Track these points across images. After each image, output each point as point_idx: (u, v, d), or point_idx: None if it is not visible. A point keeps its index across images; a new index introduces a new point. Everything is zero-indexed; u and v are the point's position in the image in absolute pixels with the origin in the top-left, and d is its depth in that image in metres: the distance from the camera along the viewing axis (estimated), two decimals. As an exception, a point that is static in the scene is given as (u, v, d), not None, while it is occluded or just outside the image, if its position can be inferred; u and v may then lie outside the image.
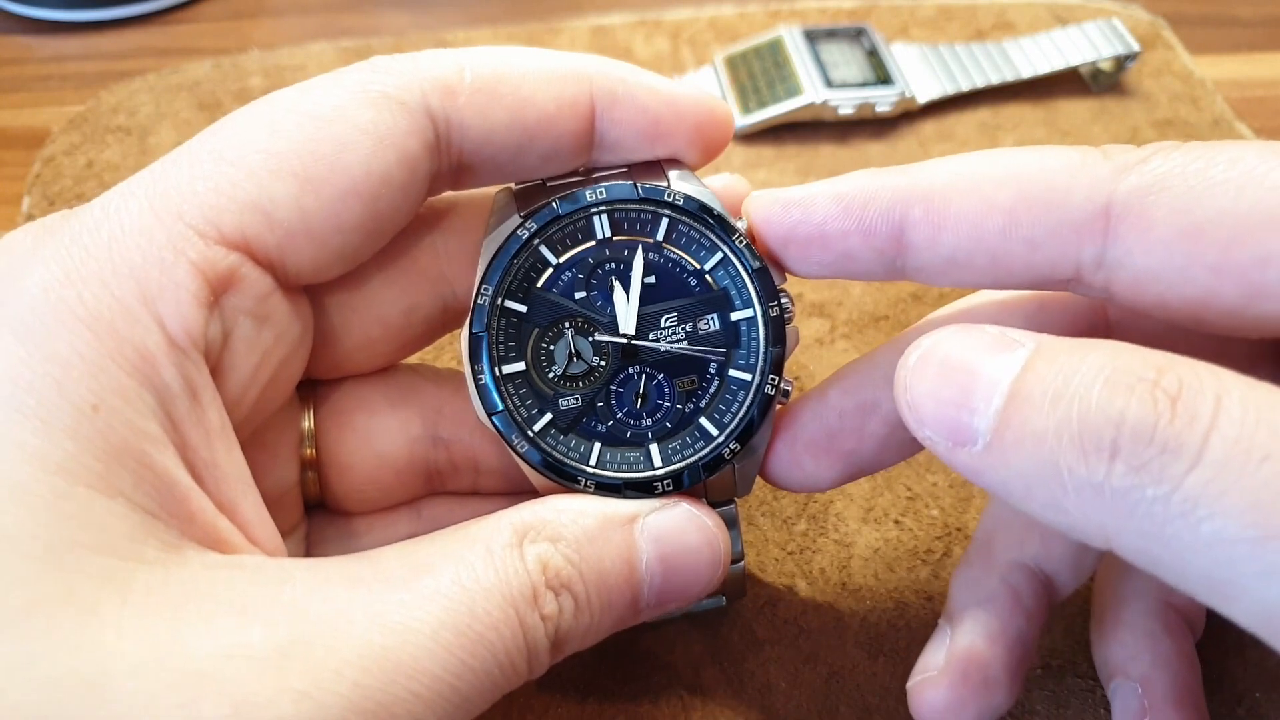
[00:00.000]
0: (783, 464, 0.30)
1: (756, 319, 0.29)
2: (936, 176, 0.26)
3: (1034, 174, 0.25)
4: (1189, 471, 0.19)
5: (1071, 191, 0.24)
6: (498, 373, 0.29)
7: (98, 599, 0.21)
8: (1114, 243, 0.23)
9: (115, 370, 0.23)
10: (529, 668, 0.25)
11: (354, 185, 0.26)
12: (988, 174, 0.25)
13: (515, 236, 0.29)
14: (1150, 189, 0.23)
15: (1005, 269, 0.25)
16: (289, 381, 0.29)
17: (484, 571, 0.24)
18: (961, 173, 0.26)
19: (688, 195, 0.29)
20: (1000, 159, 0.26)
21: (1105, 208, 0.23)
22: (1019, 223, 0.24)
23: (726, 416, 0.30)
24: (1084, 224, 0.24)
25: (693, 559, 0.28)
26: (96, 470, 0.22)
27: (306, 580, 0.23)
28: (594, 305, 0.30)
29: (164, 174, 0.25)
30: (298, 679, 0.21)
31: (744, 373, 0.30)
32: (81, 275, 0.23)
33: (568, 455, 0.29)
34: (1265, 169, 0.22)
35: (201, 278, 0.24)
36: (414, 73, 0.27)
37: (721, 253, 0.29)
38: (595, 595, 0.26)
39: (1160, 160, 0.23)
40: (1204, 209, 0.22)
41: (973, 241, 0.25)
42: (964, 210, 0.25)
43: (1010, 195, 0.25)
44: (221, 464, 0.25)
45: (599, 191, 0.29)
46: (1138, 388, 0.20)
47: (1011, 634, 0.28)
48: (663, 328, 0.30)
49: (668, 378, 0.30)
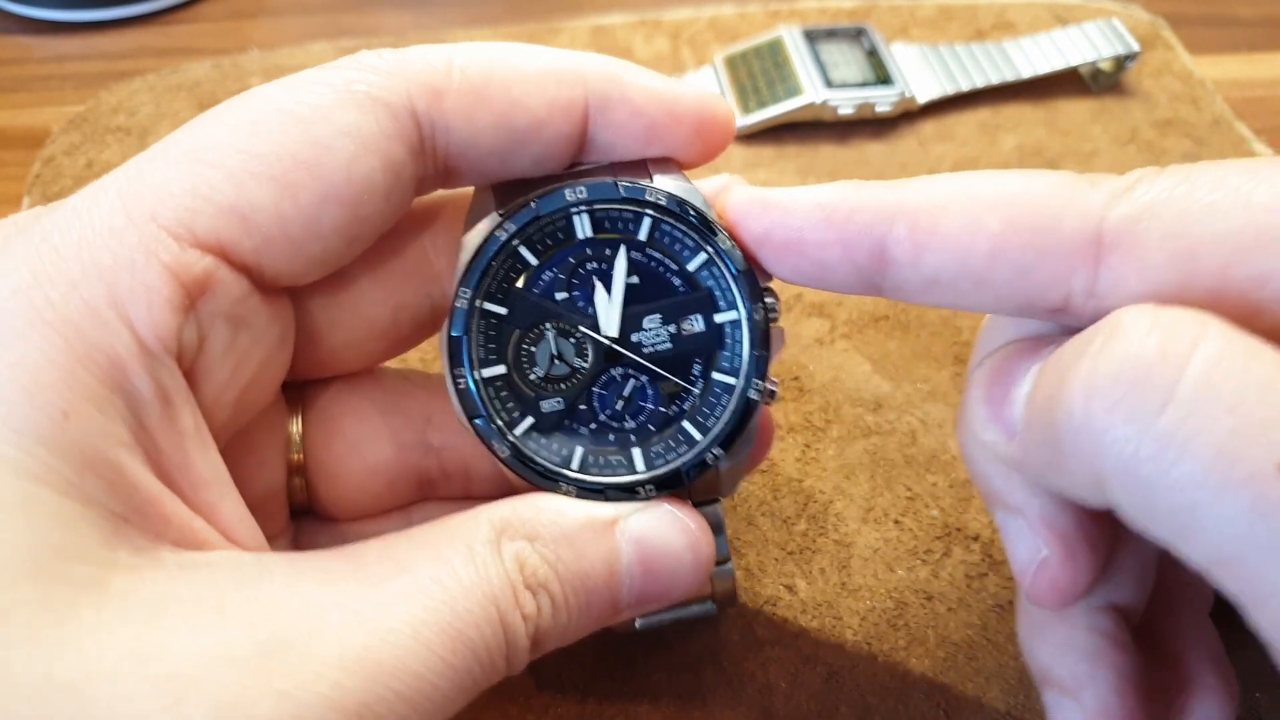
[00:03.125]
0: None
1: (741, 322, 0.29)
2: (923, 195, 0.25)
3: (1024, 199, 0.24)
4: (1160, 412, 0.20)
5: (1062, 218, 0.24)
6: (478, 376, 0.28)
7: (75, 604, 0.21)
8: (1107, 270, 0.23)
9: (85, 376, 0.22)
10: (508, 665, 0.25)
11: (334, 190, 0.25)
12: (976, 195, 0.25)
13: (494, 238, 0.28)
14: (1141, 216, 0.23)
15: (990, 293, 0.25)
16: (270, 383, 0.29)
17: (464, 569, 0.24)
18: (949, 193, 0.25)
19: (671, 194, 0.29)
20: (989, 181, 0.25)
21: (1097, 235, 0.23)
22: (1008, 247, 0.24)
23: (710, 420, 0.29)
24: (1075, 251, 0.24)
25: (674, 561, 0.27)
26: (69, 477, 0.22)
27: (285, 575, 0.23)
28: (576, 306, 0.29)
29: (139, 173, 0.25)
30: (279, 679, 0.21)
31: (728, 376, 0.29)
32: (50, 277, 0.23)
33: (550, 459, 0.29)
34: (1250, 186, 0.22)
35: (175, 281, 0.24)
36: (400, 72, 0.26)
37: (706, 253, 0.29)
38: (573, 595, 0.26)
39: (1146, 187, 0.23)
40: (1196, 232, 0.22)
41: (958, 263, 0.25)
42: (950, 231, 0.25)
43: (999, 219, 0.24)
44: (196, 468, 0.25)
45: (579, 190, 0.28)
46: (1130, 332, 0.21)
47: (1130, 678, 0.27)
48: (646, 328, 0.29)
49: (651, 380, 0.29)
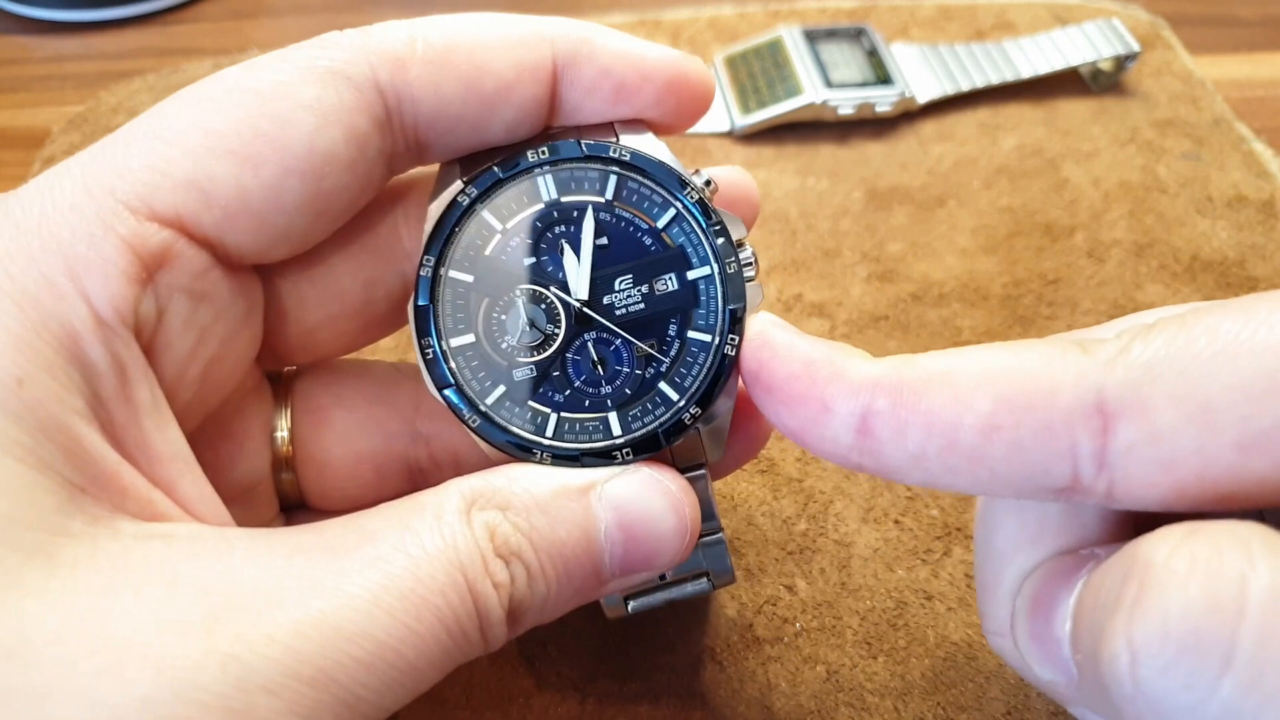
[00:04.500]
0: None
1: (714, 277, 0.28)
2: (906, 371, 0.24)
3: (1014, 374, 0.23)
4: (1222, 676, 0.18)
5: (1057, 391, 0.22)
6: (446, 346, 0.28)
7: (23, 571, 0.21)
8: (1116, 440, 0.22)
9: (40, 345, 0.23)
10: (483, 637, 0.24)
11: (296, 163, 0.25)
12: (963, 373, 0.24)
13: (456, 203, 0.28)
14: (1142, 380, 0.22)
15: (986, 472, 0.23)
16: (239, 362, 0.29)
17: (429, 538, 0.24)
18: (934, 370, 0.24)
19: (634, 150, 0.28)
20: (975, 357, 0.24)
21: (1098, 405, 0.22)
22: (1001, 425, 0.23)
23: (687, 380, 0.28)
24: (1075, 423, 0.22)
25: (656, 525, 0.27)
26: (24, 443, 0.22)
27: (246, 548, 0.23)
28: (545, 271, 0.29)
29: (100, 153, 0.25)
30: (226, 643, 0.21)
31: (703, 334, 0.28)
32: (9, 252, 0.23)
33: (523, 428, 0.28)
34: (1249, 331, 0.21)
35: (131, 253, 0.24)
36: (362, 46, 0.26)
37: (675, 208, 0.29)
38: (549, 564, 0.25)
39: (1141, 348, 0.22)
40: (1206, 388, 0.21)
41: (946, 441, 0.23)
42: (935, 407, 0.23)
43: (990, 396, 0.23)
44: (153, 442, 0.25)
45: (541, 151, 0.28)
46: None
47: None
48: (618, 290, 0.29)
49: (625, 343, 0.29)
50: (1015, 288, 0.48)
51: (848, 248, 0.50)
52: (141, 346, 0.25)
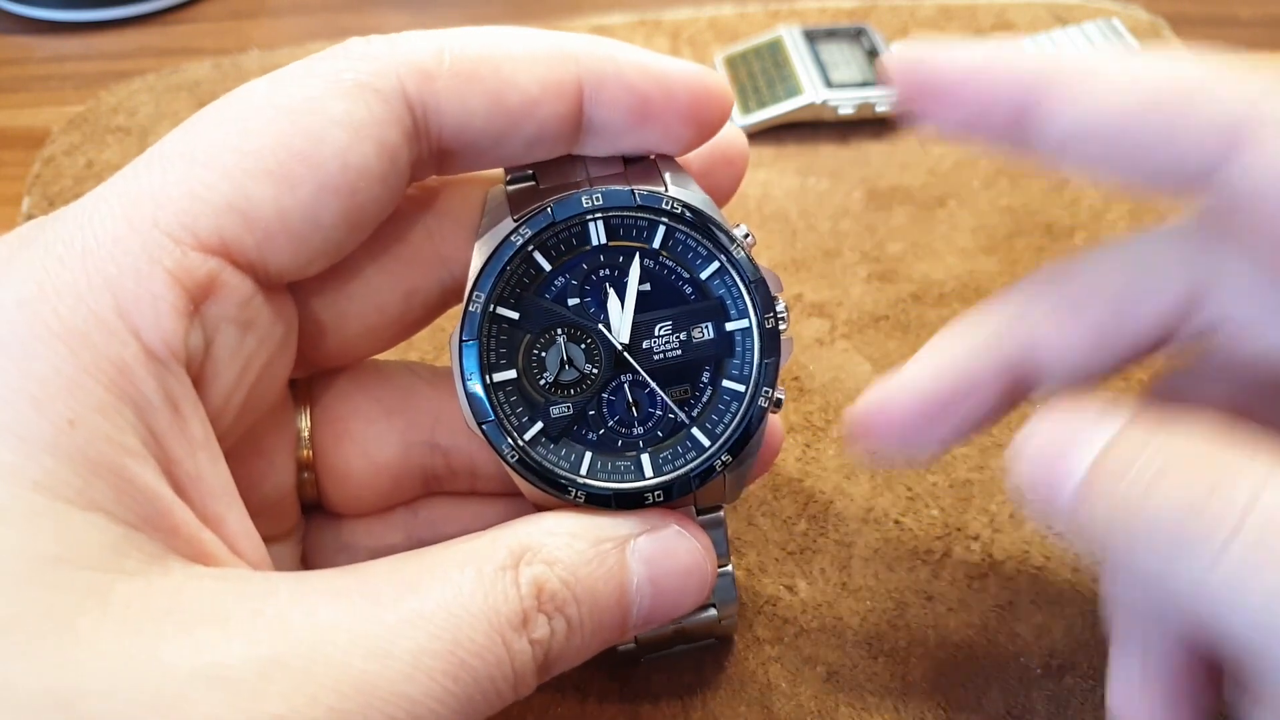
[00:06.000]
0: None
1: (752, 330, 0.29)
2: (1075, 60, 0.26)
3: (1180, 74, 0.25)
4: (1220, 555, 0.20)
5: (1213, 93, 0.24)
6: (488, 380, 0.28)
7: (76, 614, 0.21)
8: (1236, 160, 0.24)
9: (92, 385, 0.22)
10: (514, 691, 0.25)
11: (331, 179, 0.25)
12: (1129, 65, 0.26)
13: (509, 242, 0.28)
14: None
15: (1134, 144, 0.25)
16: (275, 384, 0.29)
17: (471, 596, 0.24)
18: (1103, 58, 0.26)
19: (686, 204, 0.29)
20: (1141, 58, 0.26)
21: (1238, 124, 0.24)
22: (1161, 104, 0.25)
23: (719, 428, 0.29)
24: (1215, 132, 0.24)
25: (681, 579, 0.28)
26: (75, 485, 0.22)
27: (291, 593, 0.23)
28: (588, 312, 0.29)
29: (136, 179, 0.25)
30: (274, 703, 0.21)
31: (737, 384, 0.29)
32: (56, 289, 0.23)
33: (558, 465, 0.29)
34: None
35: (179, 287, 0.24)
36: (389, 57, 0.26)
37: (719, 262, 0.29)
38: (588, 617, 0.26)
39: None
40: None
41: (1111, 115, 0.25)
42: (1102, 87, 0.25)
43: (1151, 83, 0.25)
44: (206, 477, 0.25)
45: (595, 197, 0.29)
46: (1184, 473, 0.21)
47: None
48: (658, 335, 0.29)
49: (660, 386, 0.29)
50: (1015, 288, 0.48)
51: (848, 248, 0.50)
52: (190, 379, 0.25)
